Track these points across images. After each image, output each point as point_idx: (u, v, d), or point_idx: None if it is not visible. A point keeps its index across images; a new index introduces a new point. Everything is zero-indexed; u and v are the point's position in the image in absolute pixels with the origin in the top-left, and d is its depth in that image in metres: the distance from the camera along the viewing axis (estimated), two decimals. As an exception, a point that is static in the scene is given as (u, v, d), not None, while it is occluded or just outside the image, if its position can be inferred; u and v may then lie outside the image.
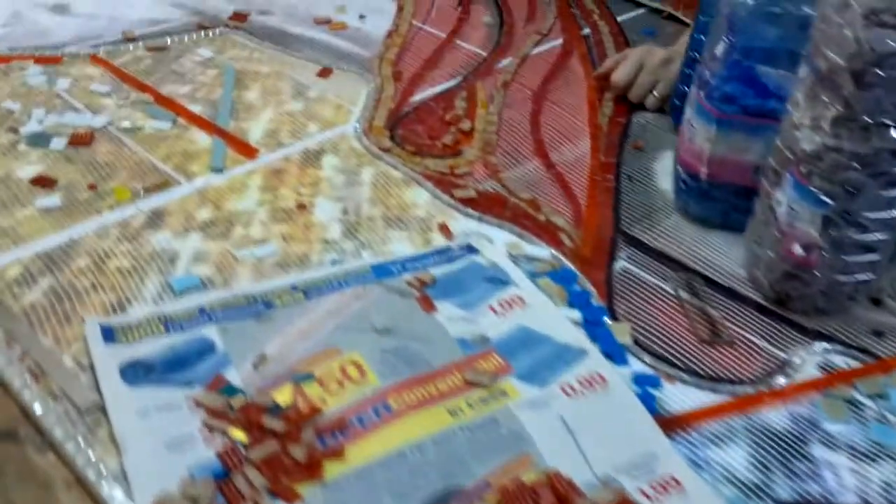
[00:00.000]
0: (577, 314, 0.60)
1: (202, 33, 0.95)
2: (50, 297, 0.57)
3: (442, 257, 0.64)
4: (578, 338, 0.56)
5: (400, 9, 1.06)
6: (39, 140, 0.73)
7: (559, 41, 1.03)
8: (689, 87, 0.81)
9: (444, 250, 0.65)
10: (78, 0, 0.98)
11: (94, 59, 0.87)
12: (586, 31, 1.07)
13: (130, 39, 0.91)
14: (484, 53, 0.98)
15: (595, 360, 0.55)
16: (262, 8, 1.02)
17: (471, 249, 0.65)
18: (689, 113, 0.70)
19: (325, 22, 1.01)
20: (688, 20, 1.11)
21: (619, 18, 1.11)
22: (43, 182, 0.68)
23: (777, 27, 0.63)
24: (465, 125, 0.83)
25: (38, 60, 0.85)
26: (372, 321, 0.57)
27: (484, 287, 0.61)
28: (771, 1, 0.63)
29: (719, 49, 0.65)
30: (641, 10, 1.15)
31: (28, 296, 0.57)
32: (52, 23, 0.93)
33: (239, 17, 0.99)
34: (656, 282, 0.64)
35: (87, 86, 0.82)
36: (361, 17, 1.03)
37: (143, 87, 0.83)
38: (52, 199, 0.66)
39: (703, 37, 0.79)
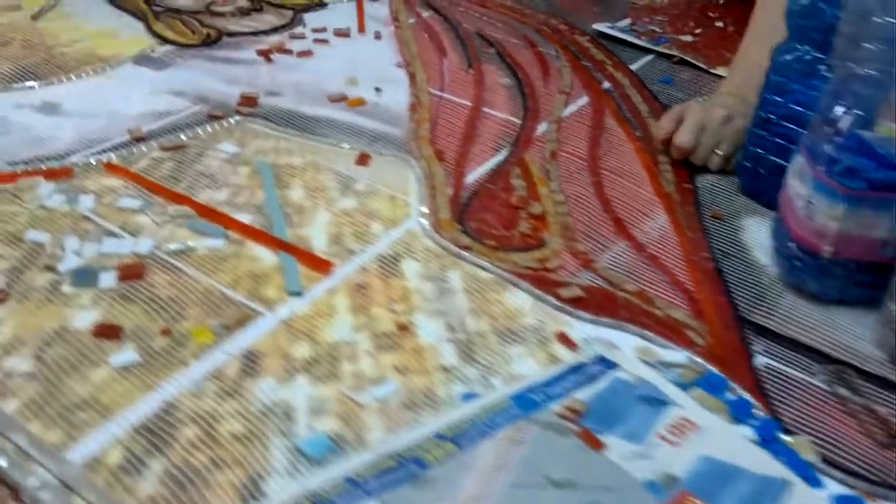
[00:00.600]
0: (749, 432, 0.55)
1: (216, 124, 0.86)
2: (169, 485, 0.49)
3: (580, 377, 0.58)
4: (773, 466, 0.52)
5: (412, 77, 1.00)
6: (85, 278, 0.63)
7: (585, 99, 0.99)
8: (761, 150, 0.79)
9: (578, 367, 0.59)
10: (67, 97, 0.88)
11: (109, 167, 0.77)
12: (606, 85, 1.03)
13: (140, 139, 0.82)
14: (516, 120, 0.93)
15: (802, 493, 0.50)
16: (267, 88, 0.94)
17: (606, 363, 0.59)
18: (800, 188, 0.66)
19: (340, 99, 0.93)
20: (699, 64, 1.09)
21: (631, 67, 1.08)
22: (108, 332, 0.59)
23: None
24: (535, 208, 0.77)
25: (49, 175, 0.75)
26: (546, 473, 0.50)
27: (642, 411, 0.55)
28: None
29: (844, 121, 0.62)
30: (649, 56, 1.12)
31: (142, 485, 0.48)
32: (45, 126, 0.83)
33: (248, 100, 0.90)
34: (805, 378, 0.60)
35: (113, 201, 0.72)
36: (377, 90, 0.96)
37: (176, 197, 0.74)
38: (128, 355, 0.57)
39: (777, 97, 0.76)
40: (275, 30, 1.08)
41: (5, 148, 0.78)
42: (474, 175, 0.82)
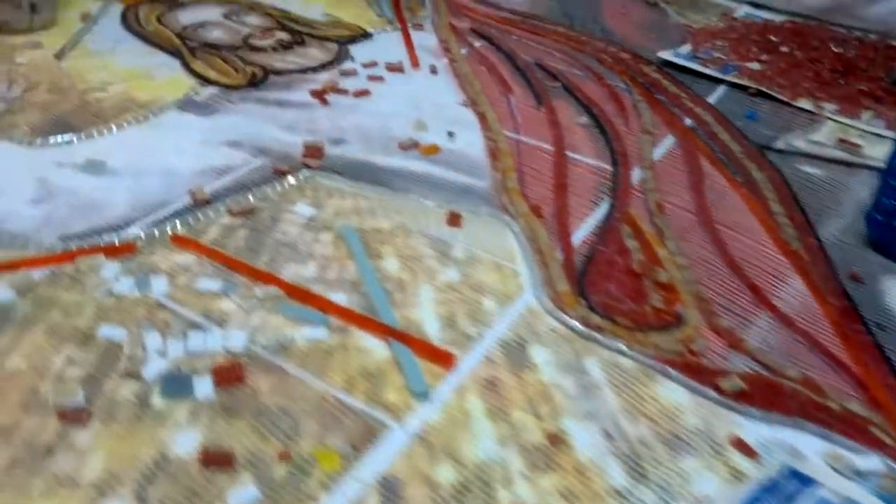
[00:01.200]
0: None
1: (284, 182, 0.77)
2: None
3: (774, 497, 0.50)
4: None
5: (481, 117, 0.91)
6: (177, 387, 0.54)
7: (671, 139, 0.91)
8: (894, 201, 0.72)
9: (771, 487, 0.51)
10: (112, 152, 0.78)
11: (177, 239, 0.67)
12: (688, 121, 0.95)
13: (204, 202, 0.72)
14: (607, 166, 0.84)
15: None
16: (330, 135, 0.85)
17: (800, 478, 0.51)
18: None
19: (411, 146, 0.84)
20: (780, 96, 1.02)
21: (708, 100, 1.00)
22: (218, 461, 0.49)
23: None
24: (661, 275, 0.69)
25: (110, 253, 0.65)
26: None
27: (862, 539, 0.47)
28: None
29: None
30: (722, 87, 1.04)
31: None
32: (94, 189, 0.73)
33: (313, 151, 0.81)
34: None
35: (189, 283, 0.63)
36: (450, 134, 0.87)
37: (259, 275, 0.64)
38: (248, 491, 0.48)
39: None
40: (323, 66, 0.98)
41: (54, 218, 0.68)
42: (580, 234, 0.74)
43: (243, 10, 1.09)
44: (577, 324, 0.63)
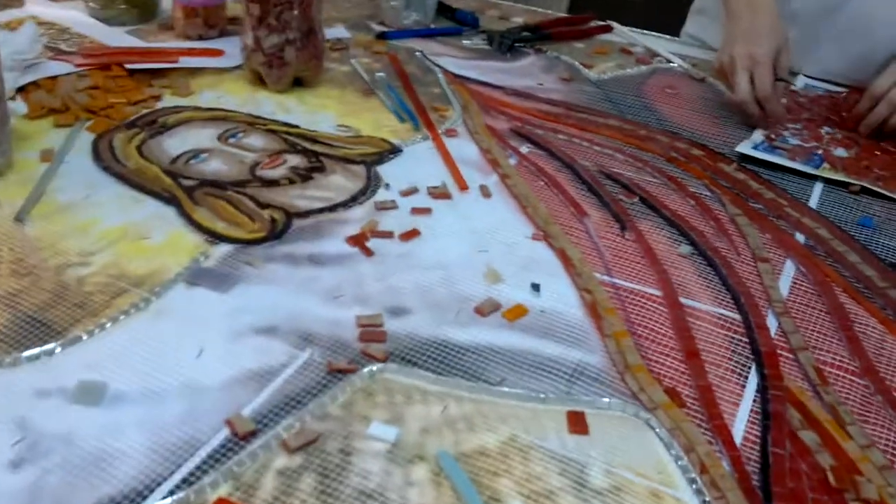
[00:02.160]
0: None
1: (346, 385, 0.58)
2: None
3: None
4: None
5: (562, 256, 0.74)
6: None
7: (792, 266, 0.75)
8: None
9: None
10: (113, 365, 0.58)
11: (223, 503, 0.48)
12: (801, 237, 0.79)
13: (248, 435, 0.53)
14: (733, 314, 0.68)
15: None
16: (387, 303, 0.67)
17: None
18: None
19: (492, 309, 0.66)
20: (890, 194, 0.86)
21: (810, 204, 0.85)
22: None
23: None
24: (866, 489, 0.52)
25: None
26: None
27: None
28: None
29: None
30: (817, 184, 0.89)
31: None
32: (94, 430, 0.53)
33: (373, 334, 0.63)
34: None
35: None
36: (534, 287, 0.69)
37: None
38: None
39: None
40: (354, 199, 0.80)
41: (45, 491, 0.49)
42: (738, 427, 0.57)
43: (241, 129, 0.91)
44: None
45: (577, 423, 0.56)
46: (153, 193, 0.79)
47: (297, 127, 0.93)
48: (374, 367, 0.60)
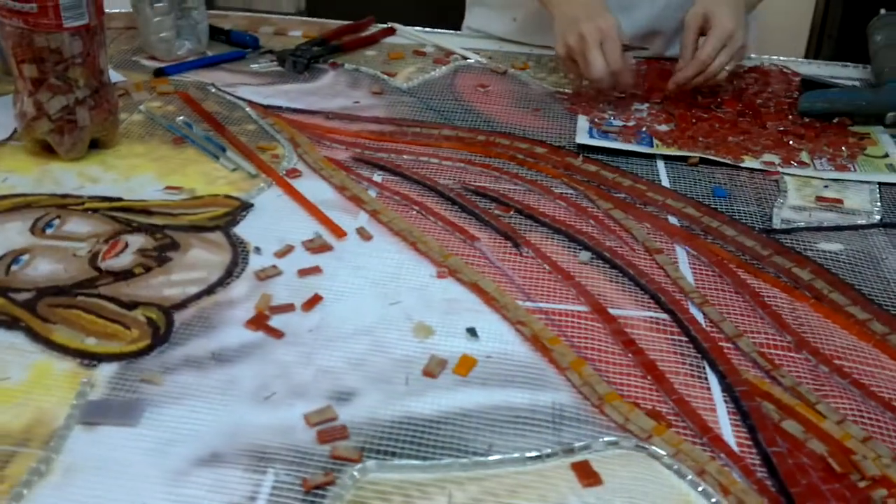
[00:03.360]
0: None
1: (330, 500, 0.51)
2: None
3: None
4: None
5: (477, 290, 0.70)
6: None
7: (681, 251, 0.77)
8: None
9: None
10: None
11: None
12: (674, 220, 0.82)
13: None
14: (661, 315, 0.68)
15: None
16: (327, 389, 0.59)
17: None
18: None
19: (440, 368, 0.61)
20: (725, 160, 0.92)
21: (664, 184, 0.88)
22: None
23: None
24: (867, 466, 0.54)
25: None
26: None
27: None
28: None
29: None
30: (659, 163, 0.93)
31: None
32: None
33: (331, 432, 0.55)
34: None
35: None
36: (471, 332, 0.65)
37: None
38: None
39: None
40: (229, 273, 0.70)
41: None
42: (727, 434, 0.57)
43: (54, 215, 0.76)
44: None
45: (587, 474, 0.53)
46: None
47: (119, 199, 0.80)
48: (354, 472, 0.53)
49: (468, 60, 1.19)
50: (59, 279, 0.68)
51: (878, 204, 0.85)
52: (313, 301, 0.68)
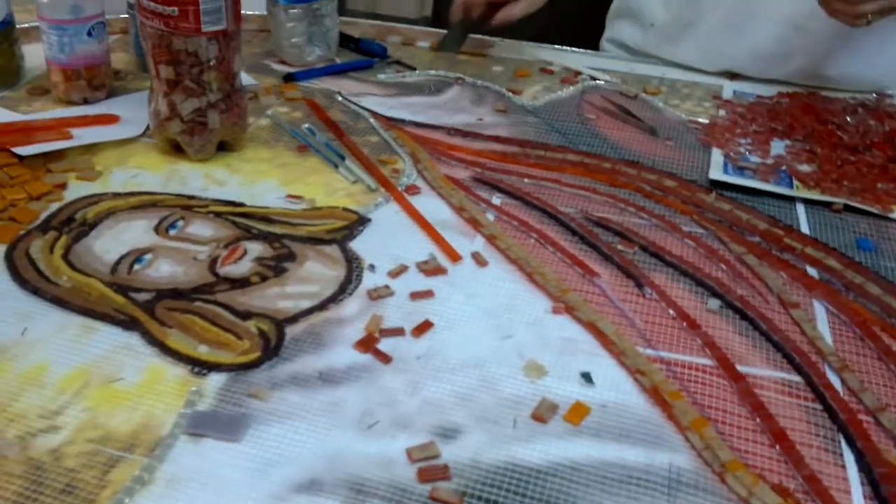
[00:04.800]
0: None
1: None
2: None
3: None
4: None
5: (597, 332, 0.67)
6: None
7: (820, 307, 0.71)
8: None
9: None
10: None
11: None
12: (813, 272, 0.76)
13: None
14: (794, 377, 0.63)
15: None
16: (432, 424, 0.57)
17: None
18: None
19: (551, 413, 0.58)
20: (873, 209, 0.85)
21: (804, 232, 0.82)
22: None
23: None
24: None
25: None
26: None
27: None
28: None
29: None
30: (799, 205, 0.87)
31: None
32: None
33: (433, 472, 0.53)
34: None
35: None
36: (585, 377, 0.62)
37: None
38: None
39: None
40: (342, 290, 0.70)
41: None
42: (867, 522, 0.52)
43: (178, 216, 0.77)
44: None
45: (704, 548, 0.50)
46: (106, 317, 0.65)
47: (242, 205, 0.80)
48: (455, 515, 0.51)
49: (598, 82, 1.15)
50: (178, 282, 0.69)
51: None
52: (424, 327, 0.66)
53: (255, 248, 0.74)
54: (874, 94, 1.13)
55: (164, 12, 0.79)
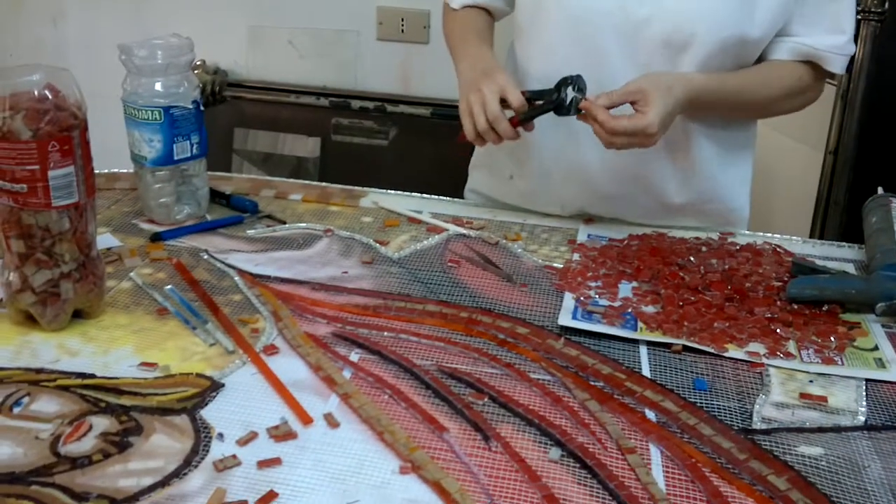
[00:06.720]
0: None
1: None
2: None
3: None
4: None
5: (441, 492, 0.68)
6: None
7: (656, 451, 0.75)
8: None
9: None
10: None
11: None
12: (651, 415, 0.80)
13: None
14: (628, 526, 0.66)
15: None
16: None
17: None
18: None
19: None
20: (708, 349, 0.91)
21: (644, 373, 0.86)
22: None
23: None
24: None
25: None
26: None
27: None
28: None
29: None
30: (642, 348, 0.91)
31: None
32: None
33: None
34: None
35: None
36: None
37: None
38: None
39: None
40: (187, 463, 0.69)
41: None
42: None
43: (24, 392, 0.76)
44: None
45: None
46: None
47: (92, 376, 0.80)
48: None
49: (461, 230, 1.20)
50: (16, 465, 0.68)
51: (864, 403, 0.83)
52: (268, 498, 0.66)
53: (101, 423, 0.73)
54: (717, 234, 1.21)
55: (13, 189, 0.80)
